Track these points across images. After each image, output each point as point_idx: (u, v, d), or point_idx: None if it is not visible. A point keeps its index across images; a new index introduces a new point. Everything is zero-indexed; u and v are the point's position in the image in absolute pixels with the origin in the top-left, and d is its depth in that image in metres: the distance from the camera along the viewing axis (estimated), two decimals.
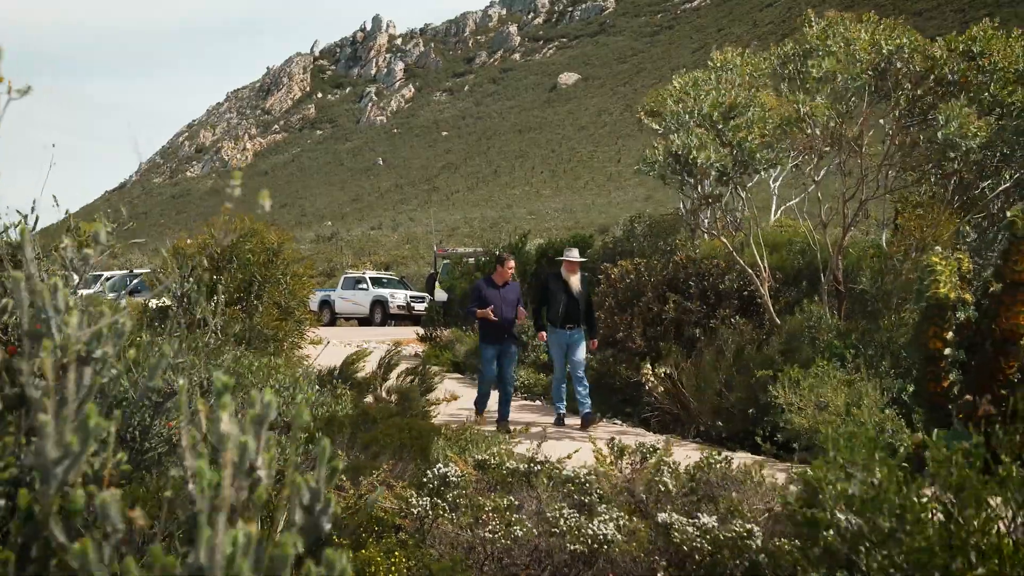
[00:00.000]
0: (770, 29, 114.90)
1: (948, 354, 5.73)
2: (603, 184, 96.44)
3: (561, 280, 13.49)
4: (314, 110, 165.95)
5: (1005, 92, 13.11)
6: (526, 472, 6.42)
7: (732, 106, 13.05)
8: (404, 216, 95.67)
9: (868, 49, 12.65)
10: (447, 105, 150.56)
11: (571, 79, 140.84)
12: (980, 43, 13.08)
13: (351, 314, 41.21)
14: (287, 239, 15.06)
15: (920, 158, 13.34)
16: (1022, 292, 5.48)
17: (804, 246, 16.01)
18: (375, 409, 8.34)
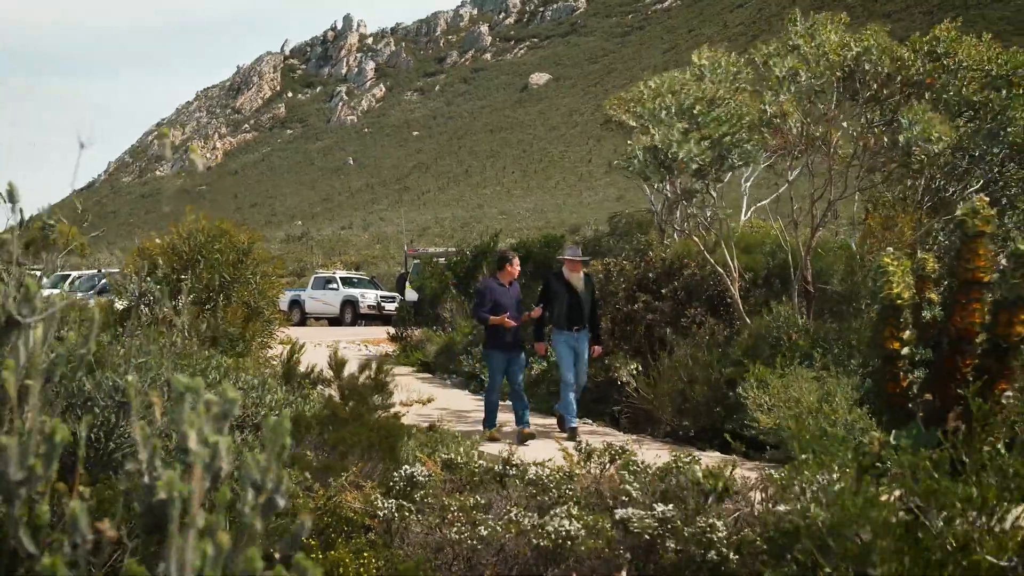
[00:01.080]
0: (740, 30, 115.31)
1: (905, 354, 5.76)
2: (574, 184, 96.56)
3: (563, 280, 12.71)
4: (284, 109, 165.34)
5: (970, 91, 13.20)
6: (500, 473, 6.42)
7: (713, 100, 13.09)
8: (375, 216, 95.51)
9: (837, 51, 12.71)
10: (418, 105, 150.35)
11: (542, 79, 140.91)
12: (944, 44, 13.17)
13: (321, 314, 41.09)
14: (257, 239, 15.01)
15: (886, 159, 13.41)
16: (976, 290, 5.54)
17: (774, 246, 16.07)
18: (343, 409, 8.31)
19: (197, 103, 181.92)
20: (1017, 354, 5.52)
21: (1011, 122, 12.98)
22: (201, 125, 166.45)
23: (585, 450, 6.40)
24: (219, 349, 10.68)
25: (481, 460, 6.64)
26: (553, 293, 12.64)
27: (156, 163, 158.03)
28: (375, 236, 77.32)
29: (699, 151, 12.70)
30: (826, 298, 13.95)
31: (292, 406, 8.31)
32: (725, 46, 16.28)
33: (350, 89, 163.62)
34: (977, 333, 5.58)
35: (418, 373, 20.91)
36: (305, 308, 41.28)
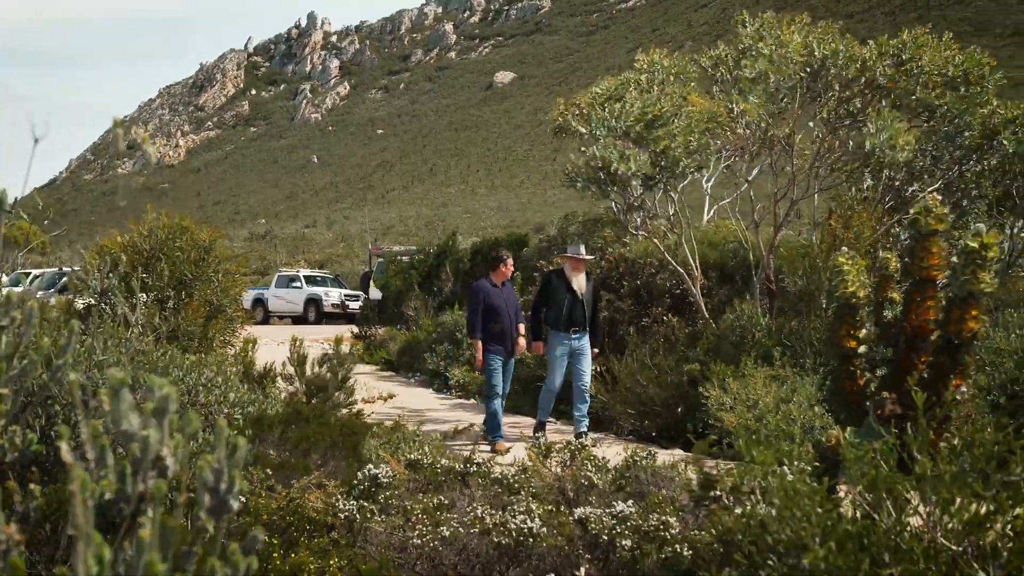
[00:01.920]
0: (704, 30, 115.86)
1: (862, 352, 5.83)
2: (539, 183, 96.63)
3: (564, 279, 11.97)
4: (248, 107, 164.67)
5: (933, 96, 13.33)
6: (461, 472, 6.44)
7: (656, 116, 13.15)
8: (339, 214, 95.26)
9: (800, 52, 12.81)
10: (382, 103, 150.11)
11: (507, 78, 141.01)
12: (910, 49, 13.29)
13: (285, 312, 40.98)
14: (219, 236, 14.95)
15: (849, 159, 13.53)
16: (930, 288, 5.61)
17: (736, 245, 16.18)
18: (306, 407, 8.30)
19: (160, 100, 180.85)
20: (970, 350, 5.59)
21: (968, 126, 13.13)
22: (164, 122, 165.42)
23: (544, 446, 6.44)
24: (179, 347, 10.64)
25: (443, 459, 6.66)
26: (553, 293, 11.96)
27: (118, 160, 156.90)
28: (339, 234, 77.14)
29: (639, 166, 12.75)
30: (788, 297, 14.05)
31: (254, 404, 8.29)
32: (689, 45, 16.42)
33: (314, 87, 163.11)
34: (931, 330, 5.65)
35: (382, 372, 20.91)
36: (269, 306, 41.17)
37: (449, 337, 19.32)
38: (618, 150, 12.68)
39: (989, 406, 8.64)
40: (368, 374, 19.28)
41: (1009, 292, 14.14)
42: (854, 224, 12.97)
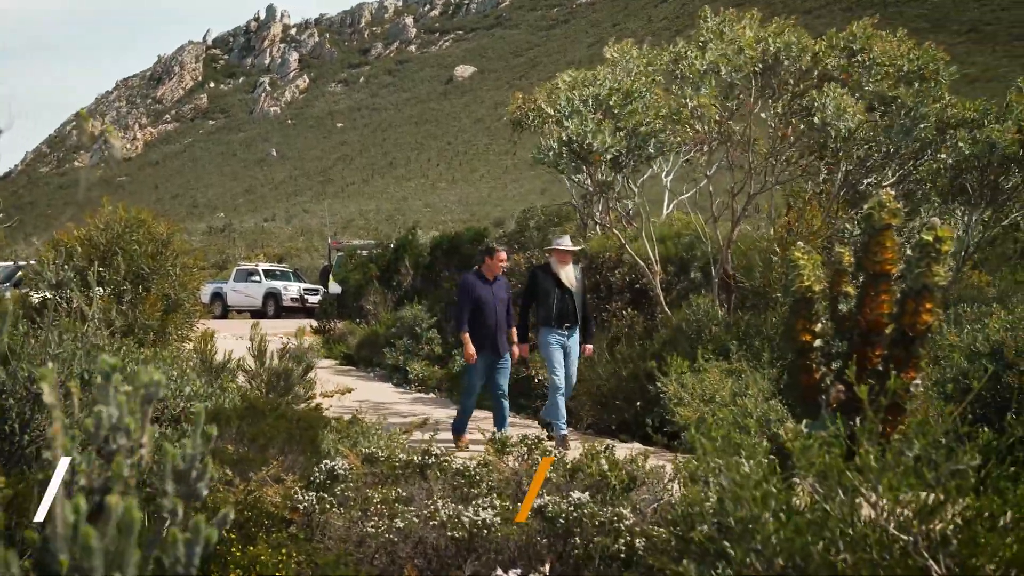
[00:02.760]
0: (664, 25, 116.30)
1: (818, 346, 5.88)
2: (499, 177, 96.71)
3: (550, 273, 11.46)
4: (206, 100, 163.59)
5: (886, 87, 13.45)
6: (420, 465, 6.44)
7: (629, 92, 13.19)
8: (298, 208, 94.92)
9: (753, 46, 12.88)
10: (342, 96, 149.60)
11: (467, 72, 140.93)
12: (860, 40, 13.41)
13: (244, 307, 40.77)
14: (176, 230, 14.86)
15: (803, 149, 13.63)
16: (884, 283, 5.66)
17: (694, 239, 16.26)
18: (263, 402, 8.28)
19: (117, 93, 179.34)
20: (924, 343, 5.65)
21: (923, 118, 13.26)
22: (121, 115, 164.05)
23: (500, 440, 6.45)
24: (135, 341, 10.57)
25: (401, 453, 6.66)
26: (540, 288, 11.43)
27: (75, 153, 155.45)
28: (298, 228, 76.88)
29: (614, 141, 12.74)
30: (745, 291, 14.14)
31: (211, 399, 8.25)
32: (649, 40, 16.44)
33: (273, 80, 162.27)
34: (886, 324, 5.70)
35: (341, 366, 20.87)
36: (227, 301, 40.94)
37: (409, 331, 19.30)
38: (593, 122, 12.69)
39: (942, 399, 8.73)
40: (327, 368, 19.23)
41: (964, 287, 14.30)
42: (807, 218, 13.07)
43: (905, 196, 14.13)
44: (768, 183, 14.16)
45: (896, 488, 3.00)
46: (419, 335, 19.00)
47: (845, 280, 6.16)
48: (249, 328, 11.52)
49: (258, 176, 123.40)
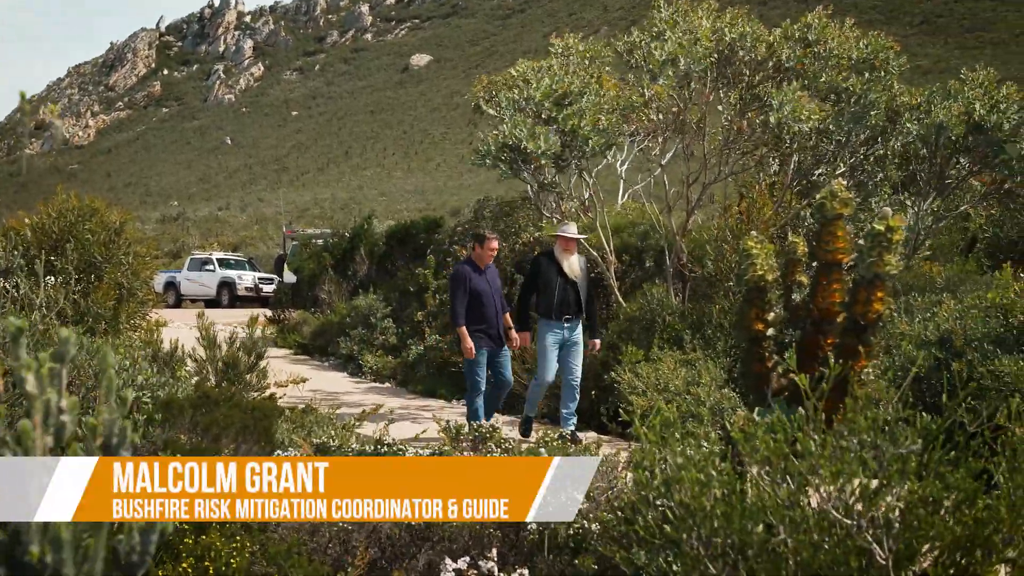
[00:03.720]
0: (620, 15, 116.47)
1: (770, 335, 5.93)
2: (455, 166, 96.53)
3: (554, 262, 10.84)
4: (160, 87, 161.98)
5: (840, 78, 13.55)
6: (372, 454, 6.43)
7: (565, 94, 13.18)
8: (253, 196, 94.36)
9: (709, 36, 12.94)
10: (297, 84, 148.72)
11: (423, 60, 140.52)
12: (815, 30, 13.51)
13: (197, 296, 40.49)
14: (130, 218, 14.73)
15: (758, 141, 13.72)
16: (836, 271, 5.72)
17: (649, 229, 16.32)
18: (216, 391, 8.24)
19: (69, 80, 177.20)
20: (876, 331, 5.71)
21: (873, 105, 13.37)
22: (73, 102, 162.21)
23: (454, 428, 6.46)
24: (85, 329, 10.48)
25: (354, 442, 6.65)
26: (542, 277, 10.81)
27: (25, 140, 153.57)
28: (253, 217, 76.46)
29: (548, 145, 12.71)
30: (699, 280, 14.21)
31: (163, 388, 8.20)
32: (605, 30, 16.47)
33: (228, 68, 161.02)
34: (838, 313, 5.76)
35: (295, 355, 20.81)
36: (181, 290, 40.66)
37: (363, 321, 19.27)
38: (527, 128, 12.65)
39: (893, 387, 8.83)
40: (281, 358, 19.17)
41: (915, 276, 14.44)
42: (758, 207, 13.16)
43: (857, 186, 14.27)
44: (722, 173, 14.22)
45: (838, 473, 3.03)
46: (374, 325, 18.97)
47: (799, 269, 6.22)
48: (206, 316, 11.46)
49: (212, 164, 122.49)
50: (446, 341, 15.98)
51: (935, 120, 13.37)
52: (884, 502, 3.12)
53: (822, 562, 3.15)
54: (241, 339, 10.91)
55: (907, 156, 14.46)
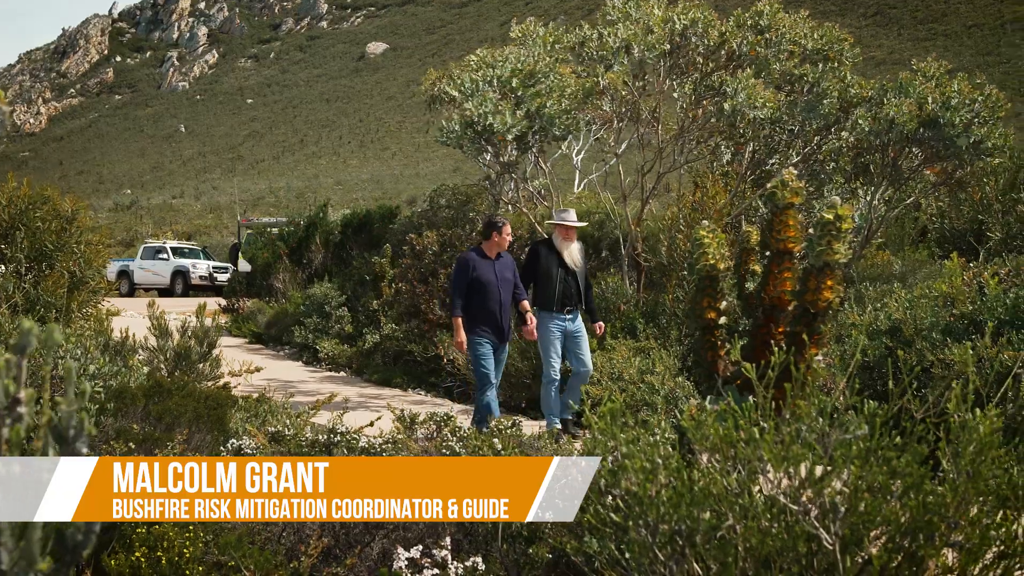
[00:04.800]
0: (577, 3, 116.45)
1: (723, 323, 5.99)
2: (411, 155, 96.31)
3: (554, 251, 10.34)
4: (113, 74, 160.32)
5: (792, 64, 13.65)
6: (326, 443, 6.42)
7: (531, 73, 13.20)
8: (207, 185, 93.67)
9: (662, 25, 12.99)
10: (252, 72, 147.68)
11: (379, 49, 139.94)
12: (767, 17, 13.60)
13: (151, 285, 40.19)
14: (82, 206, 14.61)
15: (712, 129, 13.80)
16: (787, 260, 5.77)
17: (604, 218, 16.38)
18: (169, 380, 8.20)
19: (20, 66, 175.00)
20: (826, 319, 5.77)
21: (826, 94, 13.49)
22: (24, 89, 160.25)
23: (409, 417, 6.47)
24: (36, 318, 10.39)
25: (308, 431, 6.64)
26: (541, 267, 10.29)
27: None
28: (207, 205, 75.95)
29: (515, 121, 12.72)
30: (654, 269, 14.29)
31: (116, 377, 8.15)
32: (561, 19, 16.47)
33: (181, 55, 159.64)
34: (789, 301, 5.82)
35: (250, 344, 20.72)
36: (134, 279, 40.36)
37: (319, 310, 19.22)
38: (492, 103, 12.66)
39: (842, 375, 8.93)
40: (236, 347, 19.08)
41: (867, 266, 14.59)
42: (710, 196, 13.24)
43: (810, 175, 14.39)
44: (677, 162, 14.30)
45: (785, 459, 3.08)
46: (329, 314, 18.93)
47: (753, 259, 6.27)
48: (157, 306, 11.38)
49: (166, 152, 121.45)
50: (402, 330, 15.97)
51: (887, 115, 13.49)
52: (831, 488, 3.17)
53: (771, 548, 3.19)
54: (193, 328, 10.84)
55: (860, 147, 14.59)
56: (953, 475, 3.26)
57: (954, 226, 17.04)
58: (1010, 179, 16.63)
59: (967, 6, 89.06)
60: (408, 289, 15.94)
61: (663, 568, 3.28)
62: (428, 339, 14.88)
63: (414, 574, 4.82)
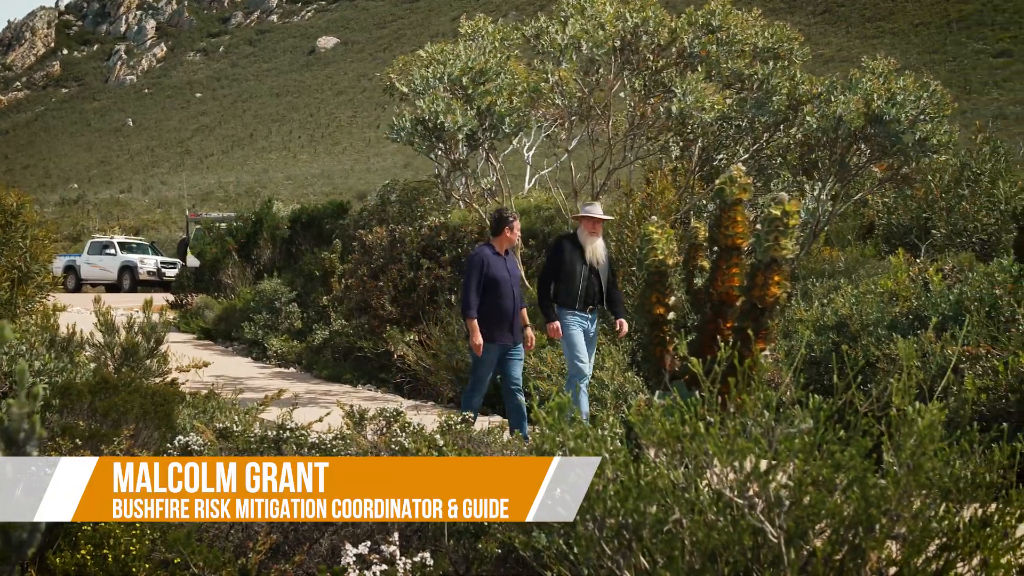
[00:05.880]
0: None
1: (671, 319, 6.03)
2: (362, 150, 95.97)
3: (578, 246, 9.65)
4: (59, 67, 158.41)
5: (743, 63, 13.74)
6: (275, 439, 6.39)
7: (482, 71, 13.19)
8: (155, 180, 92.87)
9: (613, 21, 13.02)
10: (201, 66, 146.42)
11: (330, 43, 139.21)
12: (719, 16, 13.68)
13: (98, 280, 39.76)
14: (28, 201, 14.46)
15: (662, 127, 13.87)
16: (735, 256, 5.81)
17: (555, 214, 16.41)
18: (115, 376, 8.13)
19: None
20: (773, 315, 5.82)
21: (776, 91, 13.59)
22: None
23: (359, 413, 6.45)
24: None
25: (257, 428, 6.60)
26: (566, 263, 9.61)
27: None
28: (155, 200, 75.30)
29: (466, 120, 12.70)
30: None
31: (61, 373, 8.07)
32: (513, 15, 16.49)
33: (129, 48, 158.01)
34: (737, 296, 5.86)
35: (199, 340, 20.58)
36: (81, 274, 39.92)
37: (268, 306, 19.13)
38: (444, 102, 12.63)
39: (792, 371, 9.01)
40: (184, 343, 18.94)
41: (814, 261, 14.72)
42: (659, 192, 13.30)
43: (759, 171, 14.50)
44: (627, 159, 14.35)
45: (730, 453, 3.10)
46: (279, 309, 18.85)
47: (701, 254, 6.32)
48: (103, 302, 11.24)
49: (113, 146, 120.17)
50: (352, 326, 15.92)
51: (834, 112, 13.60)
52: (776, 481, 3.20)
53: (717, 541, 3.22)
54: (140, 324, 10.74)
55: (808, 143, 14.71)
56: (895, 468, 3.30)
57: (900, 222, 17.23)
58: (955, 176, 16.85)
59: (914, 4, 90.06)
60: (358, 285, 15.89)
61: (610, 562, 3.30)
62: (378, 335, 14.84)
63: (362, 571, 4.80)
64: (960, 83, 60.65)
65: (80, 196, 79.77)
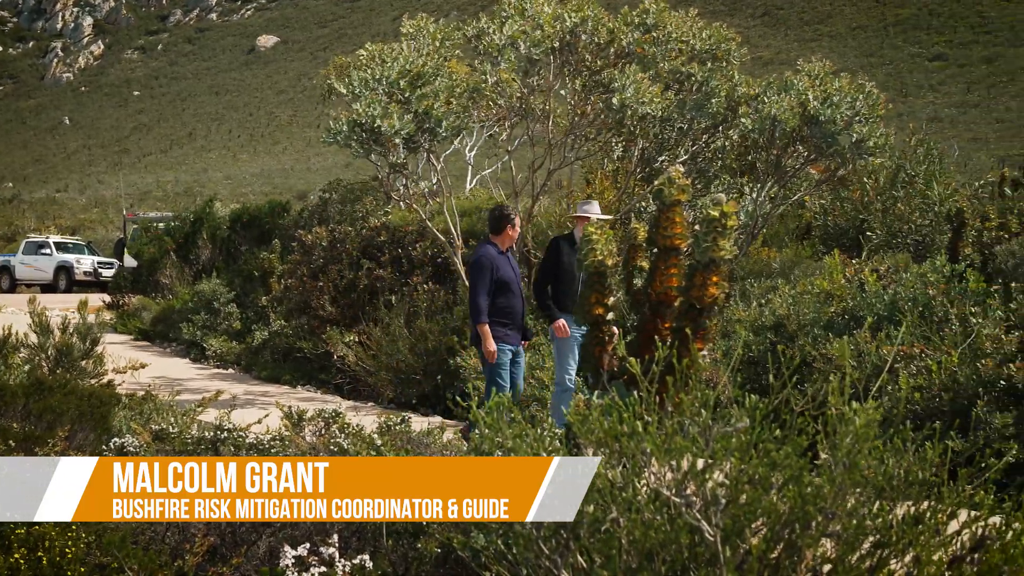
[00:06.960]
0: None
1: (611, 319, 6.06)
2: (303, 150, 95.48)
3: (575, 247, 9.16)
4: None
5: (680, 62, 13.83)
6: (212, 440, 6.34)
7: (419, 75, 13.16)
8: (92, 178, 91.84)
9: (552, 22, 13.05)
10: (139, 64, 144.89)
11: (270, 42, 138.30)
12: (653, 15, 13.76)
13: (33, 280, 39.24)
14: None
15: (602, 126, 13.92)
16: (674, 257, 5.86)
17: None
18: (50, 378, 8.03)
19: None
20: (712, 315, 5.86)
21: (714, 93, 13.69)
22: None
23: (297, 414, 6.43)
24: None
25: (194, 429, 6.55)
26: (564, 265, 9.22)
27: None
28: (92, 200, 74.43)
29: (403, 124, 12.65)
30: None
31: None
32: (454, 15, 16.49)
33: (66, 45, 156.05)
34: (675, 297, 5.90)
35: (136, 341, 20.37)
36: (15, 274, 39.41)
37: (207, 306, 18.98)
38: (381, 105, 12.57)
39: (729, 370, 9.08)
40: (121, 344, 18.74)
41: (752, 262, 14.86)
42: (598, 191, 13.37)
43: (698, 173, 14.61)
44: (567, 159, 14.40)
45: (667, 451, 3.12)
46: (217, 310, 18.70)
47: (641, 255, 6.35)
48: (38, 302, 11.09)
49: (49, 145, 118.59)
50: (291, 326, 15.85)
51: (768, 112, 13.72)
52: (713, 480, 3.22)
53: (654, 540, 3.24)
54: (75, 325, 10.61)
55: (745, 145, 14.83)
56: (831, 466, 3.34)
57: (837, 223, 17.44)
58: (890, 178, 17.09)
59: (852, 8, 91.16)
60: (298, 285, 15.83)
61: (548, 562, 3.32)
62: (318, 336, 14.78)
63: (301, 573, 4.78)
64: (896, 86, 61.53)
65: (15, 195, 78.72)
